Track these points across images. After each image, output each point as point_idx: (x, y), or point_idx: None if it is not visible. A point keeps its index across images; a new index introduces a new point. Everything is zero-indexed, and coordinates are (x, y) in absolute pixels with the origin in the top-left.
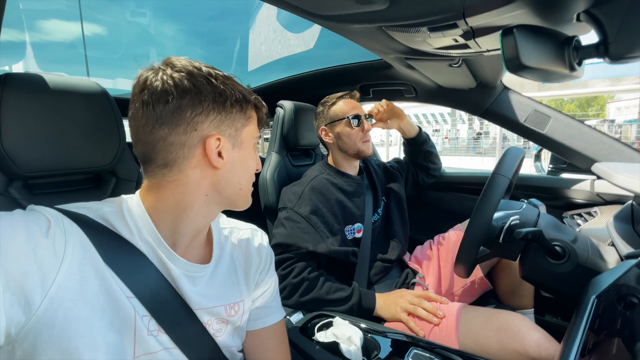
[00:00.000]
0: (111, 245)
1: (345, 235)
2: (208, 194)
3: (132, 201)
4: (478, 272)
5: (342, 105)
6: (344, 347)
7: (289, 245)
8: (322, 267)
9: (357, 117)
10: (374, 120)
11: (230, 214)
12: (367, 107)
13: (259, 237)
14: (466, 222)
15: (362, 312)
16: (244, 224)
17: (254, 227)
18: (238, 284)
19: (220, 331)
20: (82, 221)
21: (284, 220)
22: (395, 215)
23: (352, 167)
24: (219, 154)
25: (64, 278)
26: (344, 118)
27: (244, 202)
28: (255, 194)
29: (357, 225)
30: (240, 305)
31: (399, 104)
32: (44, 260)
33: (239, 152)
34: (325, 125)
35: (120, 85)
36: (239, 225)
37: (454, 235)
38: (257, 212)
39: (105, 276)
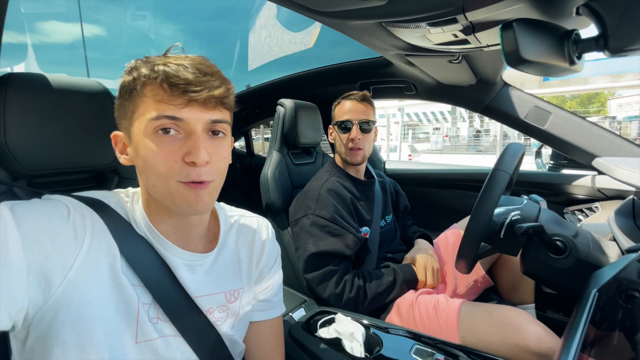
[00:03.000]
0: (125, 232)
1: (360, 233)
2: (149, 195)
3: (138, 196)
4: (480, 270)
5: (342, 107)
6: (346, 343)
7: (327, 254)
8: None
9: (344, 122)
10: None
11: None
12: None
13: (264, 229)
14: (463, 220)
15: (409, 285)
16: (250, 213)
17: (260, 217)
18: (240, 272)
19: (221, 320)
20: (98, 206)
21: (310, 227)
22: (400, 231)
23: (355, 171)
24: (127, 154)
25: (82, 262)
26: (336, 122)
27: (172, 204)
28: (256, 193)
29: (365, 228)
30: (240, 292)
31: (398, 102)
32: (65, 244)
33: (134, 145)
34: (331, 124)
35: None
36: (246, 214)
37: (452, 236)
38: (259, 212)
39: (115, 262)
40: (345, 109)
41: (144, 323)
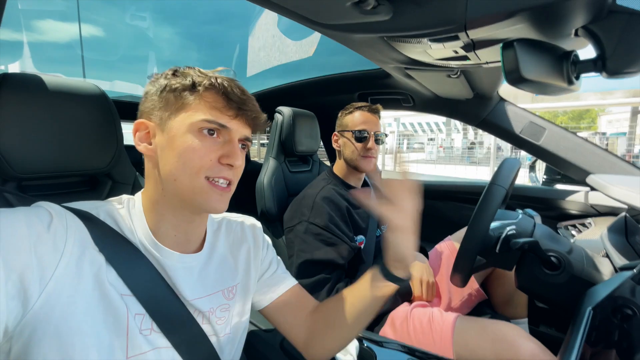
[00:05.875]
0: (112, 243)
1: (355, 242)
2: (161, 189)
3: (134, 200)
4: (474, 284)
5: (356, 116)
6: (339, 356)
7: (320, 263)
8: None
9: (362, 132)
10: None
11: None
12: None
13: (251, 224)
14: (458, 233)
15: (403, 297)
16: (235, 214)
17: (245, 216)
18: (235, 268)
19: (224, 319)
20: (85, 218)
21: (304, 235)
22: None
23: (356, 179)
24: (150, 142)
25: (62, 274)
26: (350, 130)
27: (191, 201)
28: (251, 199)
29: (360, 237)
30: (237, 287)
31: (395, 113)
32: (43, 255)
33: (168, 137)
34: (337, 132)
35: (118, 87)
36: (231, 215)
37: (446, 248)
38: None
39: (100, 274)
40: (361, 119)
41: (135, 335)
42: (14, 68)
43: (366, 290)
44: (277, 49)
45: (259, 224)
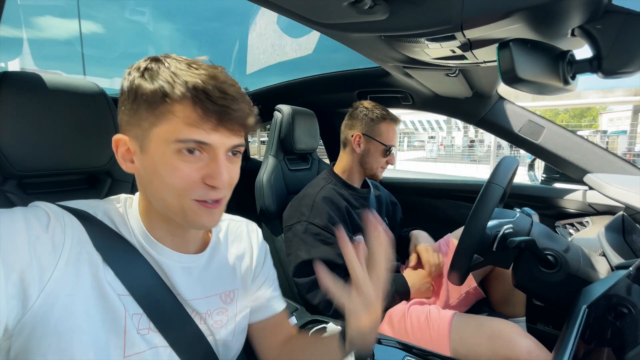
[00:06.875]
0: (110, 242)
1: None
2: (152, 204)
3: (132, 200)
4: (472, 282)
5: (391, 131)
6: None
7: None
8: None
9: (392, 148)
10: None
11: None
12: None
13: (253, 230)
14: (457, 231)
15: (401, 296)
16: (238, 217)
17: (248, 221)
18: (234, 273)
19: (221, 323)
20: (83, 217)
21: (303, 234)
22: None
23: (359, 181)
24: (132, 159)
25: (61, 273)
26: (384, 145)
27: (182, 219)
28: (251, 198)
29: (359, 237)
30: (235, 292)
31: (395, 111)
32: (42, 255)
33: (147, 157)
34: (363, 134)
35: (118, 84)
36: (235, 218)
37: (445, 246)
38: (253, 217)
39: (98, 273)
40: (393, 134)
41: (132, 335)
42: (13, 65)
43: (325, 353)
44: (277, 46)
45: (260, 233)
